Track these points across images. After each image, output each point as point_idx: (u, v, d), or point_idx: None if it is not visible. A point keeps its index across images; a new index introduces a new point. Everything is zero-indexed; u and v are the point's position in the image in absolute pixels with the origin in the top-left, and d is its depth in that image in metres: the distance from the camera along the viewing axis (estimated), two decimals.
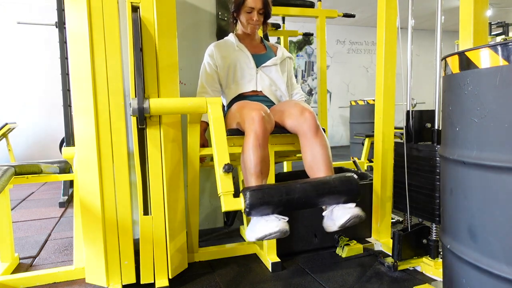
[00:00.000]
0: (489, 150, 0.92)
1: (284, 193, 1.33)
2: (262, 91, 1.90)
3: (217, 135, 1.45)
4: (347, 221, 1.38)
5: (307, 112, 1.62)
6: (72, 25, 1.42)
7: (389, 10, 1.85)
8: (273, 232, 1.30)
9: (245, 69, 1.91)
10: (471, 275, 0.99)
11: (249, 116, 1.54)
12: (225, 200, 1.34)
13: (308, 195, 1.35)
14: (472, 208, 0.98)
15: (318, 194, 1.37)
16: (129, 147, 1.54)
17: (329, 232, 1.48)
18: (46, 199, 3.38)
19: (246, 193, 1.32)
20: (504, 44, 0.88)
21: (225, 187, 1.36)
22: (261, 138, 1.50)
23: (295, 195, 1.33)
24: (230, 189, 1.35)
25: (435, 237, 1.66)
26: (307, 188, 1.36)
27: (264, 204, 1.30)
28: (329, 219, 1.46)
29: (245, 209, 1.31)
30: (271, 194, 1.32)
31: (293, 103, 1.73)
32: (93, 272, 1.52)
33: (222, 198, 1.35)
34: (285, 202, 1.33)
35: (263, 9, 1.89)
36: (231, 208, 1.33)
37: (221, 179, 1.37)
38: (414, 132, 1.67)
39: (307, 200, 1.36)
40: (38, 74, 5.63)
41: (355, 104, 5.06)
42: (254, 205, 1.30)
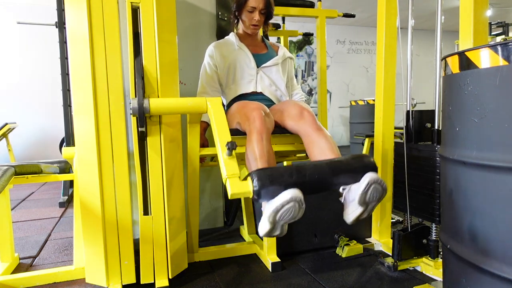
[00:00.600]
0: (489, 150, 0.92)
1: (295, 171, 1.19)
2: (262, 91, 1.90)
3: (217, 117, 1.42)
4: (368, 182, 1.22)
5: (306, 112, 1.62)
6: (72, 25, 1.42)
7: (389, 10, 1.85)
8: (285, 201, 1.14)
9: (245, 69, 1.90)
10: (471, 275, 0.99)
11: (250, 116, 1.53)
12: (231, 183, 1.21)
13: (322, 173, 1.22)
14: (472, 208, 0.98)
15: (332, 172, 1.24)
16: (129, 147, 1.54)
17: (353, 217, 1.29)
18: (46, 199, 3.38)
19: (254, 174, 1.19)
20: (504, 44, 0.88)
21: (230, 169, 1.25)
22: (264, 134, 1.49)
23: (308, 173, 1.20)
24: (235, 171, 1.25)
25: (435, 237, 1.66)
26: (321, 166, 1.23)
27: (275, 183, 1.16)
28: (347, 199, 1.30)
29: (253, 190, 1.18)
30: (281, 172, 1.18)
31: (292, 103, 1.73)
32: (93, 272, 1.52)
33: (228, 181, 1.23)
34: (297, 181, 1.18)
35: (265, 9, 1.88)
36: (238, 190, 1.20)
37: (226, 163, 1.27)
38: (414, 132, 1.67)
39: (321, 179, 1.22)
40: (38, 74, 5.62)
41: (355, 104, 5.06)
42: (264, 185, 1.16)
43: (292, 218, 1.19)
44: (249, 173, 1.23)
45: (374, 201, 1.27)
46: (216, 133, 1.39)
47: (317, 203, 1.95)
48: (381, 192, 1.27)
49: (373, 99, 4.80)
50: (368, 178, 1.24)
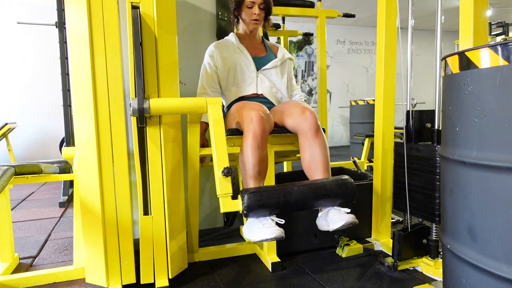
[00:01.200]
0: (489, 150, 0.92)
1: (281, 195, 1.35)
2: (262, 94, 1.90)
3: (217, 137, 1.45)
4: (340, 226, 1.40)
5: (308, 112, 1.62)
6: (72, 25, 1.42)
7: (389, 10, 1.85)
8: (268, 238, 1.33)
9: (246, 72, 1.91)
10: (471, 275, 0.99)
11: (248, 116, 1.54)
12: (223, 201, 1.38)
13: (305, 198, 1.38)
14: (472, 208, 0.98)
15: (315, 197, 1.39)
16: (129, 147, 1.54)
17: (323, 230, 1.51)
18: (46, 199, 3.38)
19: (244, 195, 1.34)
20: (504, 44, 0.88)
21: (223, 189, 1.39)
22: (260, 138, 1.50)
23: (292, 198, 1.36)
24: (228, 191, 1.39)
25: (435, 237, 1.66)
26: (304, 191, 1.38)
27: (262, 207, 1.33)
28: (323, 219, 1.49)
29: (243, 211, 1.34)
30: (268, 196, 1.34)
31: (293, 103, 1.73)
32: (93, 272, 1.52)
33: (220, 199, 1.39)
34: (282, 204, 1.35)
35: (264, 3, 1.88)
36: (229, 209, 1.37)
37: (220, 182, 1.40)
38: (414, 132, 1.67)
39: (304, 203, 1.39)
40: (38, 74, 5.62)
41: (355, 104, 5.06)
42: (252, 208, 1.33)
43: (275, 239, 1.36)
44: (240, 192, 1.38)
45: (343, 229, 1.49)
46: (214, 151, 1.44)
47: None
48: (352, 227, 1.45)
49: (373, 99, 4.80)
50: (344, 221, 1.40)
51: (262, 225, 1.36)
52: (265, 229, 1.34)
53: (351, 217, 1.42)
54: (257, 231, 1.36)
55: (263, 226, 1.35)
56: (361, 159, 4.16)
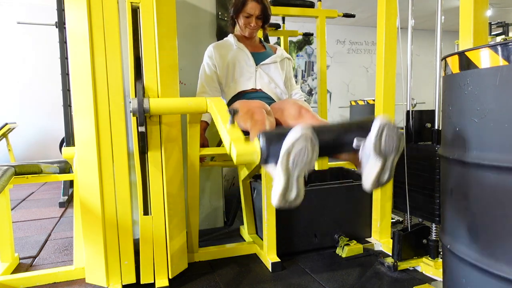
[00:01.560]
0: (489, 150, 0.92)
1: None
2: (261, 89, 1.90)
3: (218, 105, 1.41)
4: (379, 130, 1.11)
5: (303, 110, 1.61)
6: (72, 25, 1.42)
7: (389, 10, 1.85)
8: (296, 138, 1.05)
9: (244, 67, 1.91)
10: (471, 275, 0.99)
11: (252, 115, 1.53)
12: (236, 146, 1.12)
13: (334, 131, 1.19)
14: (472, 208, 0.98)
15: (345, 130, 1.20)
16: (129, 147, 1.54)
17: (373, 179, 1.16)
18: (46, 199, 3.38)
19: (261, 133, 1.12)
20: (504, 44, 0.88)
21: (234, 134, 1.17)
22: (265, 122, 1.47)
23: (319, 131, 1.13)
24: (240, 136, 1.18)
25: (435, 237, 1.66)
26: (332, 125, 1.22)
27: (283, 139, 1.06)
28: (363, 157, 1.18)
29: (261, 151, 1.10)
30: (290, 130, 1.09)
31: (291, 102, 1.73)
32: (93, 272, 1.52)
33: (233, 145, 1.14)
34: None
35: (261, 15, 1.89)
36: (245, 151, 1.11)
37: (229, 131, 1.21)
38: (414, 132, 1.67)
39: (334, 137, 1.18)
40: (38, 74, 5.62)
41: (355, 104, 5.06)
42: (272, 143, 1.08)
43: (307, 161, 1.08)
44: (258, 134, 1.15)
45: (391, 151, 1.14)
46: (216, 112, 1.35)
47: (317, 203, 1.95)
48: (397, 138, 1.14)
49: (373, 99, 4.80)
50: (379, 121, 1.13)
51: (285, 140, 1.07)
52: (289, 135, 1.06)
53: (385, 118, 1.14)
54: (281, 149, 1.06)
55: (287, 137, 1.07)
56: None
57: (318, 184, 1.95)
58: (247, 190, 2.09)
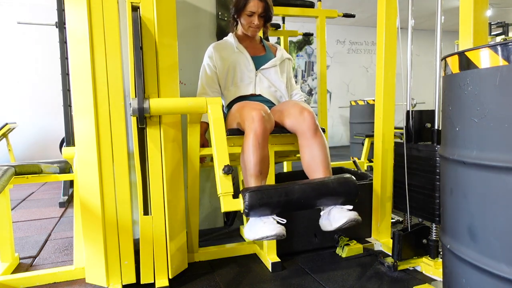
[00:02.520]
0: (489, 150, 0.92)
1: (283, 194, 1.34)
2: (261, 94, 1.90)
3: (217, 136, 1.45)
4: (343, 224, 1.39)
5: (306, 112, 1.62)
6: (72, 25, 1.42)
7: (389, 10, 1.85)
8: (270, 235, 1.31)
9: (245, 72, 1.91)
10: (471, 275, 0.99)
11: (249, 115, 1.54)
12: (224, 201, 1.36)
13: (307, 196, 1.36)
14: (472, 208, 0.98)
15: (316, 196, 1.38)
16: (129, 147, 1.54)
17: (326, 230, 1.49)
18: (46, 199, 3.38)
19: (245, 194, 1.33)
20: (504, 44, 0.88)
21: (224, 188, 1.38)
22: (261, 137, 1.50)
23: (294, 197, 1.34)
24: (229, 190, 1.38)
25: (435, 237, 1.66)
26: (306, 190, 1.37)
27: (263, 205, 1.32)
28: (326, 219, 1.47)
29: (244, 210, 1.33)
30: (270, 195, 1.33)
31: (292, 102, 1.73)
32: (93, 272, 1.52)
33: (221, 198, 1.37)
34: (284, 203, 1.34)
35: (264, 13, 1.88)
36: (230, 208, 1.36)
37: (221, 181, 1.38)
38: (414, 132, 1.67)
39: (306, 202, 1.37)
40: (38, 74, 5.62)
41: (355, 104, 5.06)
42: (253, 206, 1.31)
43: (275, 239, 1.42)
44: (241, 191, 1.36)
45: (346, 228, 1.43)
46: (215, 150, 1.43)
47: None
48: (355, 225, 1.42)
49: (373, 99, 4.80)
50: (346, 218, 1.39)
51: (263, 224, 1.35)
52: (266, 226, 1.33)
53: (354, 214, 1.41)
54: (257, 229, 1.35)
55: (264, 225, 1.34)
56: (361, 159, 4.16)
57: None
58: None
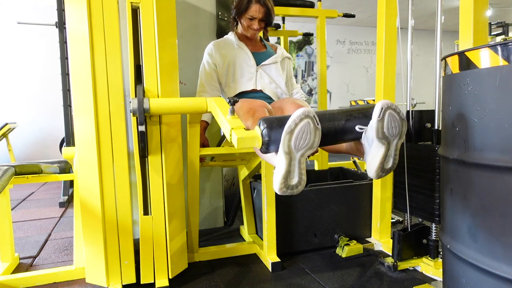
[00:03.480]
0: (489, 150, 0.92)
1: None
2: (262, 89, 1.90)
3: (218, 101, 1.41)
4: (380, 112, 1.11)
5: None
6: (72, 25, 1.42)
7: (389, 10, 1.85)
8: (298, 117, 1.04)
9: (245, 67, 1.90)
10: (471, 275, 0.99)
11: (254, 113, 1.52)
12: (238, 134, 1.12)
13: (336, 118, 1.15)
14: (472, 208, 0.98)
15: (346, 116, 1.16)
16: (129, 147, 1.54)
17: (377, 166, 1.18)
18: (46, 199, 3.38)
19: (261, 120, 1.11)
20: (504, 44, 0.88)
21: (234, 123, 1.18)
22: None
23: (320, 117, 1.11)
24: (241, 125, 1.17)
25: (435, 237, 1.66)
26: (334, 112, 1.17)
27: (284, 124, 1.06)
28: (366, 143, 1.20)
29: (262, 135, 1.09)
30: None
31: (290, 101, 1.72)
32: (93, 272, 1.52)
33: (233, 132, 1.14)
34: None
35: (265, 18, 1.88)
36: (245, 140, 1.10)
37: (229, 120, 1.21)
38: (414, 132, 1.67)
39: (336, 123, 1.14)
40: (38, 74, 5.62)
41: (355, 104, 5.06)
42: (273, 128, 1.07)
43: (309, 144, 1.07)
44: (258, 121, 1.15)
45: (394, 135, 1.14)
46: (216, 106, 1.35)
47: (317, 203, 1.95)
48: (399, 120, 1.14)
49: (373, 99, 4.80)
50: (380, 104, 1.12)
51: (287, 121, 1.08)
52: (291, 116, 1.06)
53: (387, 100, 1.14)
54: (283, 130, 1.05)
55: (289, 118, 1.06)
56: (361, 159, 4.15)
57: (318, 184, 1.95)
58: (247, 190, 2.10)
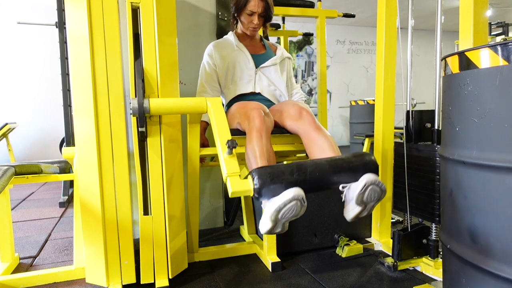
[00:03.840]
0: (489, 150, 0.92)
1: (296, 169, 1.19)
2: (260, 92, 1.90)
3: (217, 116, 1.42)
4: (363, 187, 1.22)
5: (304, 112, 1.62)
6: (72, 25, 1.42)
7: (389, 10, 1.85)
8: (287, 200, 1.15)
9: (244, 70, 1.90)
10: (471, 275, 0.99)
11: (249, 115, 1.53)
12: (232, 181, 1.22)
13: (323, 171, 1.21)
14: (472, 208, 0.98)
15: (333, 170, 1.23)
16: (129, 147, 1.54)
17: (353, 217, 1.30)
18: (46, 199, 3.38)
19: (254, 172, 1.19)
20: (504, 44, 0.88)
21: (230, 168, 1.26)
22: (264, 132, 1.48)
23: (308, 171, 1.19)
24: (236, 170, 1.25)
25: (435, 237, 1.66)
26: (322, 164, 1.23)
27: (276, 182, 1.15)
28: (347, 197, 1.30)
29: (254, 189, 1.18)
30: (282, 170, 1.18)
31: (291, 103, 1.73)
32: (93, 272, 1.52)
33: (228, 180, 1.23)
34: (298, 179, 1.18)
35: (264, 13, 1.88)
36: (239, 189, 1.20)
37: (226, 162, 1.27)
38: (414, 132, 1.67)
39: (322, 178, 1.21)
40: (38, 74, 5.62)
41: (355, 104, 5.06)
42: (264, 183, 1.15)
43: (294, 216, 1.20)
44: (249, 172, 1.24)
45: (372, 201, 1.28)
46: (216, 132, 1.39)
47: (317, 203, 1.95)
48: (379, 193, 1.28)
49: (373, 99, 4.80)
50: (365, 179, 1.24)
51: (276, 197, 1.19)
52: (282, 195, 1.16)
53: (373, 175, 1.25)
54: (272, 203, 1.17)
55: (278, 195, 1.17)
56: None
57: None
58: None
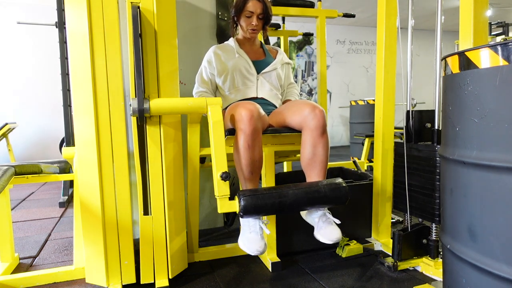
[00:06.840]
0: (489, 150, 0.92)
1: (276, 198, 1.41)
2: (263, 97, 1.91)
3: (216, 140, 1.44)
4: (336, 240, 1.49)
5: (318, 109, 1.60)
6: (72, 25, 1.42)
7: (389, 10, 1.85)
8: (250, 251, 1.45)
9: (246, 76, 1.91)
10: (471, 275, 0.99)
11: (238, 115, 1.52)
12: (220, 203, 1.43)
13: (299, 201, 1.44)
14: (472, 208, 0.98)
15: (308, 201, 1.45)
16: (129, 147, 1.54)
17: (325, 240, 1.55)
18: (46, 199, 3.38)
19: (241, 198, 1.39)
20: (504, 44, 0.88)
21: (221, 191, 1.43)
22: (250, 138, 1.49)
23: (287, 200, 1.42)
24: (226, 193, 1.43)
25: (435, 237, 1.66)
26: (299, 194, 1.44)
27: (257, 209, 1.39)
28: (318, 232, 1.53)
29: (239, 212, 1.40)
30: (264, 199, 1.41)
31: (303, 101, 1.72)
32: (93, 272, 1.52)
33: (218, 201, 1.43)
34: (277, 206, 1.42)
35: (263, 14, 1.88)
36: (226, 210, 1.44)
37: (218, 184, 1.43)
38: (414, 132, 1.67)
39: (298, 206, 1.45)
40: (38, 74, 5.63)
41: (355, 104, 5.06)
42: (248, 210, 1.39)
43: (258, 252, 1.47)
44: (237, 193, 1.42)
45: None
46: (213, 156, 1.44)
47: None
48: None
49: (373, 99, 4.80)
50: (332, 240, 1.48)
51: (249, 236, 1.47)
52: (251, 243, 1.45)
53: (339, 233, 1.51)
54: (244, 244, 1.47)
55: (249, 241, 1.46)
56: (361, 159, 4.16)
57: None
58: None
